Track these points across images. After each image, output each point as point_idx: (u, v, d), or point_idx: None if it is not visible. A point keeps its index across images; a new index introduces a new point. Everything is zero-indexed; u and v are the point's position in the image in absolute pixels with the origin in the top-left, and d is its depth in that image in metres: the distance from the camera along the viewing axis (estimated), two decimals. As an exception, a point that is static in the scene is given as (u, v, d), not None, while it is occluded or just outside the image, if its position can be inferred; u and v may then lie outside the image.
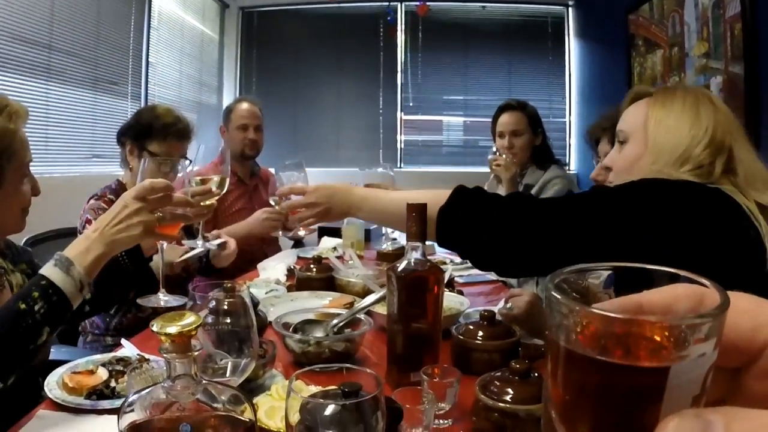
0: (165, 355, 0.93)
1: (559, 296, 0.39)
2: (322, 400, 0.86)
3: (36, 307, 1.43)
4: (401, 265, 1.48)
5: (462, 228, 1.52)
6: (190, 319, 0.94)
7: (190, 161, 2.03)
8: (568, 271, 0.43)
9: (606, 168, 1.73)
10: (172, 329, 0.92)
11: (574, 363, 0.39)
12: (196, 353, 0.95)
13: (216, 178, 1.94)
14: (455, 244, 1.56)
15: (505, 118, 3.61)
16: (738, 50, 3.52)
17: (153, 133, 2.68)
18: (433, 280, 1.49)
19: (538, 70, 6.66)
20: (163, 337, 0.92)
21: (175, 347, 0.93)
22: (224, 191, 1.96)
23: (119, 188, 2.69)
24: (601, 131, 2.05)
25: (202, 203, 1.89)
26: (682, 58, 4.28)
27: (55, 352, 2.05)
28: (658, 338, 0.36)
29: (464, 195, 1.57)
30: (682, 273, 0.41)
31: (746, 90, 3.45)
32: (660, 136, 1.56)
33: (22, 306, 1.43)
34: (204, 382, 0.99)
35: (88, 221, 2.49)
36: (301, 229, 2.06)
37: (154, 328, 0.93)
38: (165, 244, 1.75)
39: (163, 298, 1.75)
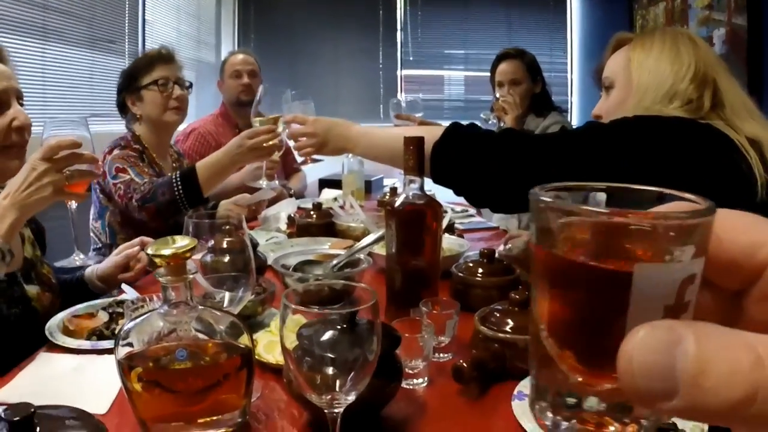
0: (160, 279, 0.93)
1: (546, 198, 0.38)
2: (317, 312, 0.86)
3: None
4: (398, 200, 1.47)
5: (456, 163, 1.52)
6: (184, 242, 0.94)
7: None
8: (560, 185, 0.42)
9: (596, 117, 1.73)
10: (167, 251, 0.92)
11: (553, 267, 0.38)
12: (191, 277, 0.94)
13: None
14: (449, 180, 1.56)
15: (503, 67, 3.58)
16: (741, 1, 3.48)
17: (139, 70, 2.72)
18: (431, 214, 1.48)
19: (539, 23, 6.58)
20: (157, 260, 0.92)
21: (170, 270, 0.93)
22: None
23: (135, 138, 2.73)
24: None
25: (265, 144, 2.23)
26: (684, 9, 4.24)
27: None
28: (632, 244, 0.35)
29: (458, 131, 1.56)
30: (668, 191, 0.40)
31: (749, 42, 3.43)
32: (643, 77, 1.58)
33: None
34: (200, 308, 0.98)
35: (119, 170, 2.51)
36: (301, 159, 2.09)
37: (149, 251, 0.93)
38: (75, 204, 1.75)
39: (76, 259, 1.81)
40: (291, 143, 2.08)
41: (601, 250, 0.35)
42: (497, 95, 3.47)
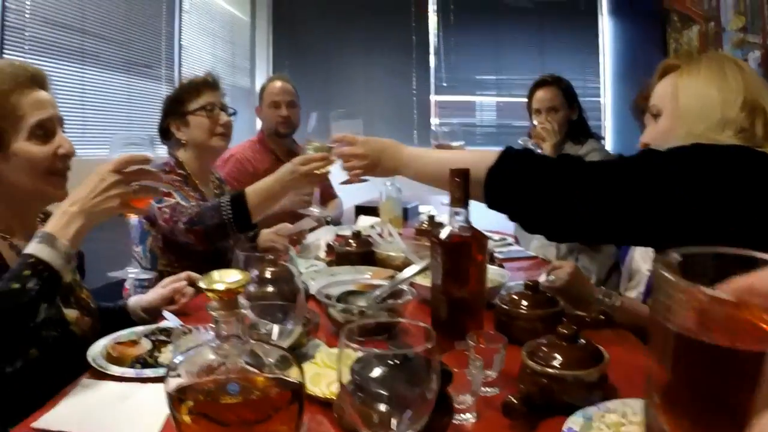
0: (212, 313, 0.93)
1: (669, 276, 0.37)
2: (374, 357, 0.85)
3: (29, 285, 1.43)
4: (445, 232, 1.47)
5: (511, 189, 1.50)
6: (236, 276, 0.93)
7: None
8: (677, 251, 0.41)
9: (644, 145, 1.70)
10: (220, 286, 0.91)
11: (676, 343, 0.38)
12: (244, 312, 0.94)
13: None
14: (505, 204, 1.54)
15: (540, 95, 3.55)
16: (776, 24, 3.45)
17: (185, 95, 2.73)
18: (476, 246, 1.48)
19: (572, 47, 6.54)
20: (210, 294, 0.92)
21: (222, 305, 0.92)
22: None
23: (179, 163, 2.73)
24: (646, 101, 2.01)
25: (317, 171, 2.21)
26: (718, 32, 4.21)
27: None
28: (762, 323, 0.34)
29: (513, 156, 1.54)
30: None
31: (785, 65, 3.38)
32: (690, 104, 1.55)
33: (15, 285, 1.43)
34: (252, 342, 0.98)
35: (165, 194, 2.47)
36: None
37: (202, 285, 0.93)
38: (135, 219, 1.77)
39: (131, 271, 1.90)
40: (337, 164, 2.07)
41: (730, 330, 0.35)
42: (535, 122, 3.46)
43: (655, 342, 0.39)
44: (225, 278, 0.93)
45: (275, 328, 1.15)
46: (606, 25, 6.47)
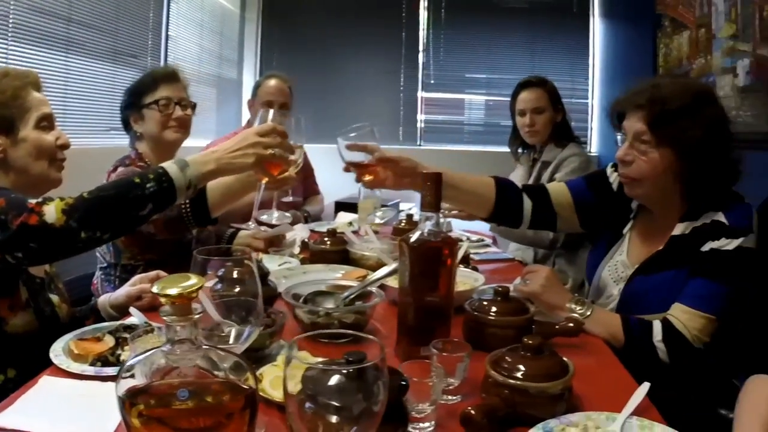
0: (165, 318, 0.91)
1: None
2: (322, 367, 0.84)
3: (148, 185, 1.66)
4: (414, 236, 1.46)
5: None
6: (191, 281, 0.92)
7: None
8: None
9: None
10: (173, 291, 0.90)
11: None
12: (197, 317, 0.92)
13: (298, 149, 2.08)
14: None
15: (525, 95, 3.56)
16: (767, 32, 3.43)
17: (143, 88, 2.71)
18: (446, 251, 1.46)
19: (562, 49, 6.55)
20: (163, 299, 0.91)
21: (175, 309, 0.91)
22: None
23: (139, 156, 2.71)
24: (635, 108, 1.95)
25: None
26: (709, 39, 4.19)
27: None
28: None
29: None
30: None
31: (775, 73, 3.38)
32: None
33: (137, 180, 1.67)
34: (205, 347, 0.96)
35: None
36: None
37: (155, 290, 0.91)
38: (263, 185, 1.97)
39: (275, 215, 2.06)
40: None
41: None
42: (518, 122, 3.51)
43: None
44: (179, 283, 0.92)
45: (232, 331, 1.13)
46: (597, 28, 6.46)
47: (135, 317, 1.76)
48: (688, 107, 1.85)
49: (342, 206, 3.87)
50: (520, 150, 3.74)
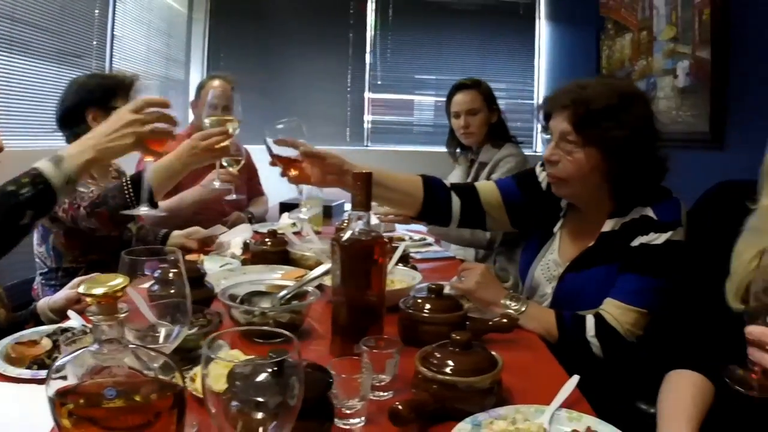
0: (92, 318, 0.92)
1: None
2: (239, 362, 0.86)
3: (22, 191, 1.59)
4: (345, 235, 1.47)
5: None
6: (117, 280, 0.93)
7: None
8: None
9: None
10: (98, 290, 0.91)
11: None
12: (122, 316, 0.94)
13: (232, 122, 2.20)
14: None
15: (459, 98, 3.60)
16: (706, 35, 3.52)
17: (118, 90, 2.66)
18: (377, 250, 1.48)
19: (510, 51, 6.62)
20: (89, 299, 0.91)
21: (101, 309, 0.92)
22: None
23: None
24: (560, 108, 1.98)
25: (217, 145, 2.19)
26: (650, 41, 4.29)
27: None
28: None
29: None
30: None
31: (713, 74, 3.46)
32: None
33: (10, 188, 1.60)
34: (132, 346, 0.98)
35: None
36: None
37: (81, 290, 0.92)
38: (151, 165, 1.93)
39: (143, 209, 1.98)
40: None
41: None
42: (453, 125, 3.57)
43: None
44: (106, 282, 0.93)
45: (162, 331, 1.15)
46: (543, 30, 6.55)
47: (73, 320, 1.76)
48: (613, 107, 1.87)
49: (286, 207, 3.85)
50: (458, 151, 3.78)
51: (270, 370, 0.85)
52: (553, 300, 2.08)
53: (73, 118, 2.68)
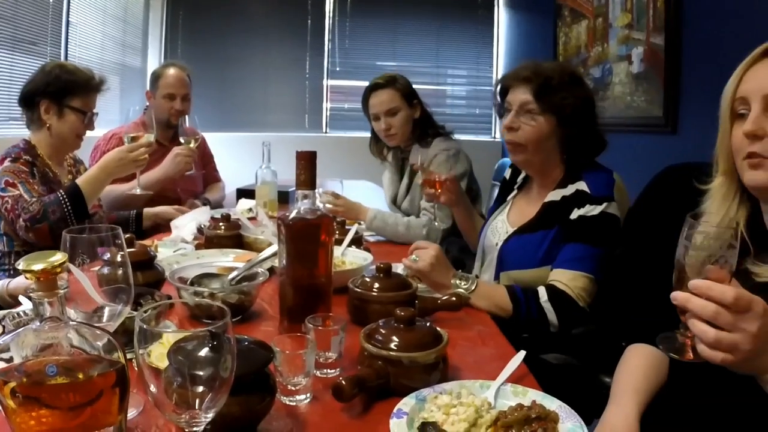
0: (32, 295, 0.93)
1: None
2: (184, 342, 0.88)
3: None
4: (291, 214, 1.48)
5: None
6: (56, 256, 0.93)
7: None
8: None
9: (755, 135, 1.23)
10: (37, 266, 0.91)
11: None
12: (62, 292, 0.94)
13: (146, 137, 2.58)
14: None
15: (375, 99, 3.30)
16: (660, 21, 3.57)
17: (76, 89, 2.66)
18: (323, 229, 1.50)
19: (468, 37, 6.66)
20: (28, 275, 0.91)
21: (40, 285, 0.92)
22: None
23: (29, 148, 2.63)
24: (521, 80, 2.11)
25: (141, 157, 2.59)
26: (606, 28, 4.34)
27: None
28: None
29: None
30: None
31: (666, 61, 3.52)
32: None
33: None
34: (72, 323, 0.98)
35: (9, 183, 2.45)
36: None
37: (20, 266, 0.92)
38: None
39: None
40: None
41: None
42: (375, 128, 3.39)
43: None
44: (45, 259, 0.93)
45: (106, 310, 1.15)
46: (501, 17, 6.59)
47: (24, 304, 1.75)
48: (566, 82, 2.09)
49: (243, 193, 3.84)
50: (384, 150, 3.55)
51: (205, 343, 0.87)
52: (497, 258, 2.22)
53: (28, 103, 2.68)
